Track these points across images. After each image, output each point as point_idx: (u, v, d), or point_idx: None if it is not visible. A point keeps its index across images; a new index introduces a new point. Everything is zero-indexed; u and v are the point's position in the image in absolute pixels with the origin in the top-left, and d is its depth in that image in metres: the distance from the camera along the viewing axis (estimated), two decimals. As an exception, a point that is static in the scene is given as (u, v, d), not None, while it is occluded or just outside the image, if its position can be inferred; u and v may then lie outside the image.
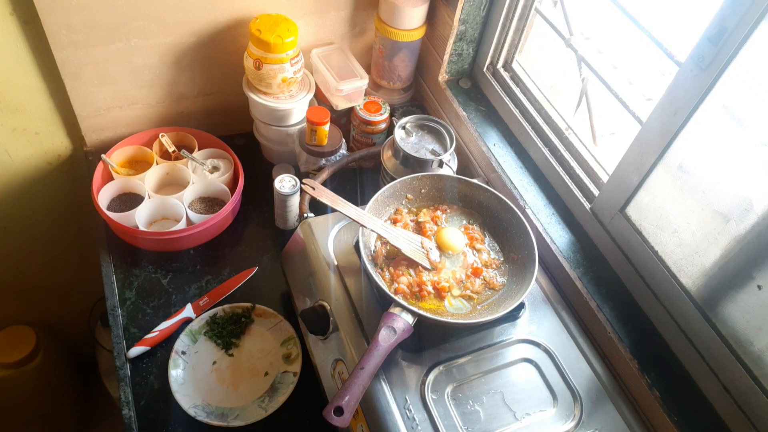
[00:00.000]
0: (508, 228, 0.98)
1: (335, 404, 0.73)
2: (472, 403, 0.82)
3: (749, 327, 0.77)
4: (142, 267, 1.15)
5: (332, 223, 1.01)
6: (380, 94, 1.39)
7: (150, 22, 1.13)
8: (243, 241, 1.23)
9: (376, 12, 1.30)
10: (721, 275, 0.80)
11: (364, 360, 0.77)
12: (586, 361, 0.90)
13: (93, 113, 1.23)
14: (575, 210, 1.07)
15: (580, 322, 0.96)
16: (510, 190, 1.12)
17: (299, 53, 1.20)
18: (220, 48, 1.23)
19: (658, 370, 0.88)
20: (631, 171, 0.90)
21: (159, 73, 1.22)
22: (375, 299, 0.91)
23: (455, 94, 1.30)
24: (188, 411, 0.95)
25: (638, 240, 0.92)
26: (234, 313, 1.08)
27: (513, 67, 1.24)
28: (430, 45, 1.33)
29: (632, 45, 0.99)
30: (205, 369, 1.02)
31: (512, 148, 1.20)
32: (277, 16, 1.17)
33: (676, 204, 0.85)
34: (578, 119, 1.11)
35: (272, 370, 1.03)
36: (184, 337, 1.04)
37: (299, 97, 1.25)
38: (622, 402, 0.87)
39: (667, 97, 0.82)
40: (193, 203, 1.22)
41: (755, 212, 0.73)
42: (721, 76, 0.74)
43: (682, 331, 0.87)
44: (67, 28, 1.07)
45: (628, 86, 0.99)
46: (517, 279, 0.93)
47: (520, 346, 0.90)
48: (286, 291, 1.13)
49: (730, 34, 0.71)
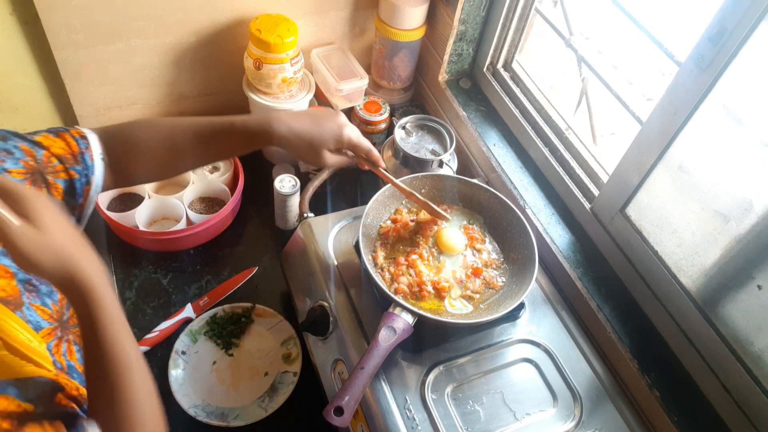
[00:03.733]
0: (508, 228, 0.98)
1: (335, 404, 0.73)
2: (472, 403, 0.82)
3: (749, 327, 0.77)
4: (142, 267, 1.15)
5: (332, 223, 1.01)
6: (380, 94, 1.39)
7: (150, 22, 1.13)
8: (243, 241, 1.23)
9: (376, 12, 1.30)
10: (721, 275, 0.80)
11: (364, 360, 0.77)
12: (586, 361, 0.90)
13: (93, 113, 1.23)
14: (575, 210, 1.07)
15: (580, 322, 0.96)
16: (510, 190, 1.12)
17: (299, 53, 1.20)
18: (220, 48, 1.23)
19: (658, 370, 0.88)
20: (631, 171, 0.90)
21: (159, 73, 1.22)
22: (375, 299, 0.91)
23: (455, 94, 1.30)
24: (188, 411, 0.95)
25: (638, 240, 0.92)
26: (234, 313, 1.08)
27: (513, 67, 1.24)
28: (430, 45, 1.33)
29: (632, 45, 0.99)
30: (205, 369, 1.02)
31: (512, 148, 1.20)
32: (277, 16, 1.17)
33: (676, 204, 0.85)
34: (578, 119, 1.11)
35: (272, 370, 1.03)
36: (184, 337, 1.04)
37: (299, 97, 1.25)
38: (622, 402, 0.87)
39: (667, 97, 0.82)
40: (193, 203, 1.22)
41: (755, 212, 0.73)
42: (721, 76, 0.74)
43: (682, 331, 0.87)
44: (67, 28, 1.07)
45: (628, 86, 0.99)
46: (517, 279, 0.93)
47: (520, 346, 0.90)
48: (286, 291, 1.13)
49: (730, 34, 0.71)
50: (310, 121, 0.82)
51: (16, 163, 0.65)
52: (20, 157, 0.66)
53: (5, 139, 0.66)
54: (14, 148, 0.66)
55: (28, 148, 0.68)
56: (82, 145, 0.74)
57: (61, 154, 0.71)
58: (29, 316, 0.58)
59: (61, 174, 0.70)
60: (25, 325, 0.58)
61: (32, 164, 0.67)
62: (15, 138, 0.68)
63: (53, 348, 0.59)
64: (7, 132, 0.68)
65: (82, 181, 0.73)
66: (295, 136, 0.80)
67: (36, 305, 0.60)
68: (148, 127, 0.80)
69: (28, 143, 0.68)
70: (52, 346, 0.59)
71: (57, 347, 0.60)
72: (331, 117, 0.84)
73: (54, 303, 0.63)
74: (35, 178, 0.66)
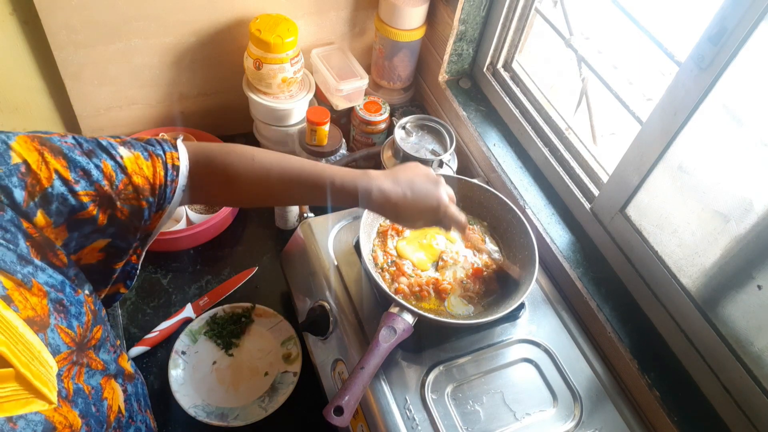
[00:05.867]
0: (508, 229, 0.98)
1: (335, 404, 0.73)
2: (472, 403, 0.82)
3: (749, 327, 0.77)
4: (142, 267, 1.14)
5: (332, 223, 1.01)
6: (380, 94, 1.39)
7: (150, 22, 1.13)
8: (243, 241, 1.23)
9: (376, 12, 1.30)
10: (721, 275, 0.80)
11: (365, 360, 0.77)
12: (586, 361, 0.90)
13: (93, 113, 1.23)
14: (575, 210, 1.07)
15: (580, 322, 0.96)
16: (510, 190, 1.12)
17: (299, 53, 1.20)
18: (220, 48, 1.23)
19: (658, 370, 0.88)
20: (631, 171, 0.90)
21: (159, 73, 1.22)
22: (375, 299, 0.91)
23: (455, 94, 1.30)
24: (188, 411, 0.95)
25: (638, 240, 0.92)
26: (234, 313, 1.08)
27: (513, 67, 1.24)
28: (430, 45, 1.33)
29: (632, 45, 0.99)
30: (205, 369, 1.02)
31: (512, 148, 1.20)
32: (277, 16, 1.17)
33: (676, 204, 0.85)
34: (578, 119, 1.11)
35: (272, 370, 1.03)
36: (184, 337, 1.04)
37: (299, 97, 1.25)
38: (622, 402, 0.87)
39: (667, 97, 0.82)
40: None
41: (755, 212, 0.73)
42: (721, 76, 0.74)
43: (682, 331, 0.87)
44: (67, 28, 1.07)
45: (628, 86, 0.99)
46: (517, 280, 0.93)
47: (520, 346, 0.90)
48: (286, 291, 1.13)
49: (730, 34, 0.71)
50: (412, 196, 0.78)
51: (89, 185, 0.61)
52: (97, 179, 0.62)
53: (91, 155, 0.63)
54: (95, 169, 0.62)
55: (110, 170, 0.64)
56: (169, 178, 0.70)
57: (140, 184, 0.67)
58: (51, 338, 0.56)
59: (132, 201, 0.66)
60: (44, 349, 0.55)
61: (106, 189, 0.63)
62: (103, 154, 0.64)
63: (64, 372, 0.57)
64: (97, 145, 0.64)
65: (153, 210, 0.70)
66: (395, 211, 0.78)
67: (62, 327, 0.57)
68: (242, 161, 0.75)
69: (112, 163, 0.64)
70: (64, 371, 0.57)
71: (68, 371, 0.58)
72: (432, 190, 0.80)
73: (80, 325, 0.60)
74: (102, 202, 0.63)
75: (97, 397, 0.61)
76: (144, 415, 0.74)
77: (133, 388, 0.72)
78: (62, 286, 0.59)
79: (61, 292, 0.58)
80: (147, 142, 0.70)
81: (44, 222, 0.58)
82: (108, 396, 0.64)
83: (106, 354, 0.66)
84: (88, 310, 0.62)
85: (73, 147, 0.62)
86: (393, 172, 0.81)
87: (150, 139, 0.71)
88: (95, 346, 0.63)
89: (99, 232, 0.65)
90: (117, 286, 0.76)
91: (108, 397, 0.63)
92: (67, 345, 0.58)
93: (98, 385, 0.62)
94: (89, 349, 0.62)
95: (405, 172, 0.81)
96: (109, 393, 0.64)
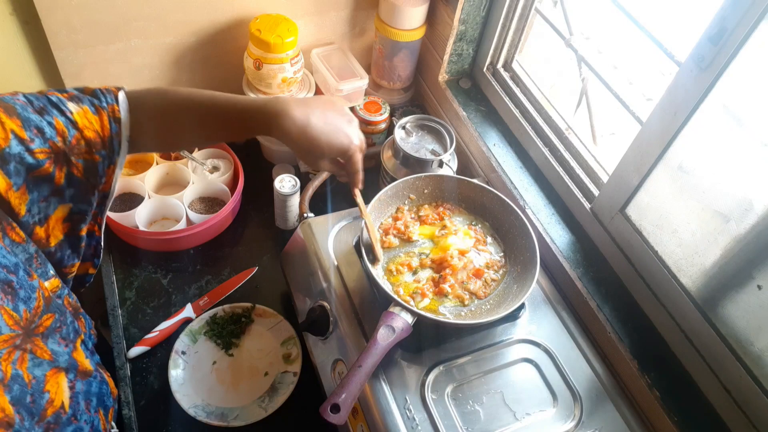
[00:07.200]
0: (510, 229, 0.98)
1: (332, 401, 0.73)
2: (472, 403, 0.82)
3: (749, 327, 0.77)
4: (142, 267, 1.15)
5: (332, 223, 1.01)
6: (380, 94, 1.39)
7: (150, 22, 1.13)
8: (243, 241, 1.23)
9: (376, 12, 1.30)
10: (721, 275, 0.80)
11: (362, 358, 0.77)
12: (586, 361, 0.90)
13: (93, 113, 1.23)
14: (575, 210, 1.07)
15: (580, 322, 0.96)
16: (510, 190, 1.12)
17: (299, 53, 1.20)
18: (220, 48, 1.23)
19: (658, 370, 0.88)
20: (631, 171, 0.90)
21: (159, 73, 1.22)
22: (375, 299, 0.91)
23: (455, 94, 1.30)
24: (188, 411, 0.95)
25: (638, 240, 0.92)
26: (234, 313, 1.08)
27: (513, 67, 1.24)
28: (430, 45, 1.33)
29: (632, 45, 0.99)
30: (205, 369, 1.02)
31: (512, 148, 1.20)
32: (277, 16, 1.17)
33: (676, 204, 0.85)
34: (578, 119, 1.11)
35: (272, 370, 1.03)
36: (184, 337, 1.04)
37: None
38: (622, 402, 0.87)
39: (667, 97, 0.82)
40: (193, 203, 1.22)
41: (755, 212, 0.73)
42: (721, 76, 0.74)
43: (682, 331, 0.87)
44: (67, 28, 1.07)
45: (628, 86, 0.99)
46: (518, 280, 0.93)
47: (520, 346, 0.90)
48: (286, 291, 1.13)
49: (730, 34, 0.71)
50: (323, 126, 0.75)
51: (44, 143, 0.63)
52: (50, 137, 0.64)
53: (43, 112, 0.64)
54: (48, 126, 0.64)
55: (62, 126, 0.66)
56: (113, 129, 0.71)
57: (92, 138, 0.69)
58: None
59: (85, 155, 0.68)
60: None
61: (60, 146, 0.65)
62: (54, 110, 0.66)
63: (4, 355, 0.56)
64: (48, 101, 0.66)
65: (105, 164, 0.71)
66: (303, 138, 0.75)
67: (6, 308, 0.57)
68: (165, 99, 0.76)
69: (64, 120, 0.66)
70: (4, 353, 0.56)
71: (9, 354, 0.57)
72: (344, 126, 0.78)
73: (27, 310, 0.60)
74: (57, 159, 0.65)
75: (37, 388, 0.60)
76: (92, 416, 0.70)
77: (84, 386, 0.69)
78: (15, 269, 0.60)
79: (13, 274, 0.59)
80: (93, 94, 0.71)
81: (5, 184, 0.60)
82: (51, 389, 0.62)
83: (56, 345, 0.65)
84: (40, 296, 0.63)
85: (25, 105, 0.64)
86: (307, 100, 0.78)
87: (95, 91, 0.72)
88: (43, 335, 0.63)
89: (58, 194, 0.67)
90: (86, 264, 0.78)
91: (50, 390, 0.62)
92: (9, 327, 0.58)
93: (42, 376, 0.61)
94: (36, 336, 0.62)
95: (320, 102, 0.78)
96: (53, 386, 0.63)
